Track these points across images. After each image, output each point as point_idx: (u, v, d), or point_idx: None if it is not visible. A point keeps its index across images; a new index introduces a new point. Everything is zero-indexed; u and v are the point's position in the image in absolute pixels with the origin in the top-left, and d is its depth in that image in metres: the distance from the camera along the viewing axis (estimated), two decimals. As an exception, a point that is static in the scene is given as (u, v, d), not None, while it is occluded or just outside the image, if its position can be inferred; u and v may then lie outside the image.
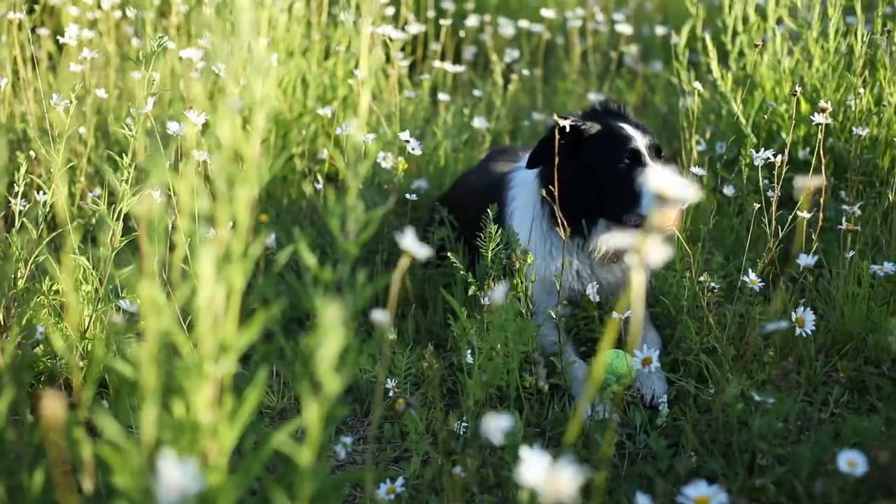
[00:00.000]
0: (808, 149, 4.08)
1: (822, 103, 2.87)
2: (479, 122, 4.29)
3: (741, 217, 3.83)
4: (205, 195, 1.68)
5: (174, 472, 1.32)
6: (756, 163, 3.03)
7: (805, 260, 2.57)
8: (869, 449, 2.42)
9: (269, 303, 1.80)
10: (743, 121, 4.03)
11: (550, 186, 3.00)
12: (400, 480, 2.41)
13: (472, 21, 5.49)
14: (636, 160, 3.08)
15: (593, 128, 3.14)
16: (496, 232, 3.08)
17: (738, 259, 3.53)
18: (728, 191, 3.78)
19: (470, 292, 3.05)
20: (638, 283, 1.45)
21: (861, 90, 3.74)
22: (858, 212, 3.16)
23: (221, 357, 1.63)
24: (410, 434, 2.64)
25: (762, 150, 3.04)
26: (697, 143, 3.75)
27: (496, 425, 1.51)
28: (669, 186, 1.40)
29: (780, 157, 3.01)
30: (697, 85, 3.62)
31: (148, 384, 1.55)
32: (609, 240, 3.10)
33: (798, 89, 3.07)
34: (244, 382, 1.72)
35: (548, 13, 5.19)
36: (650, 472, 2.60)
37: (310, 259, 1.88)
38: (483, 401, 2.72)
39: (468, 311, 2.99)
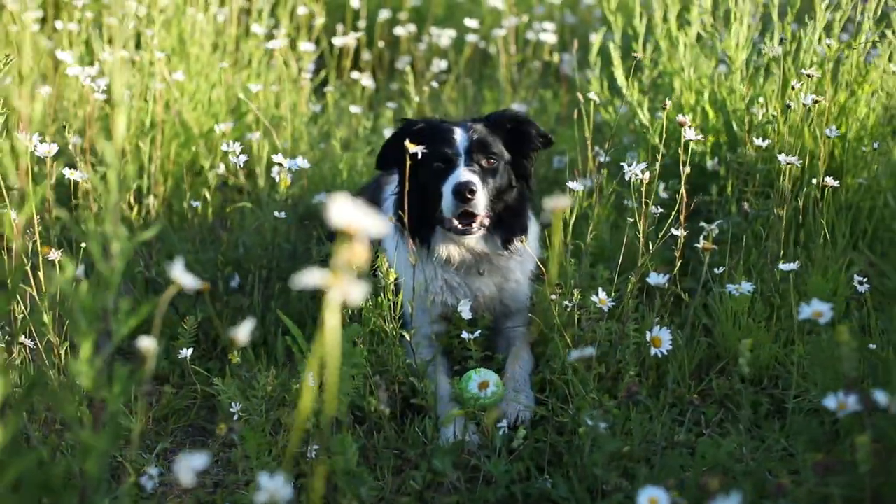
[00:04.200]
0: (716, 159, 3.99)
1: (679, 117, 2.79)
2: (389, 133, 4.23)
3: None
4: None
5: None
6: (627, 177, 2.95)
7: (655, 279, 2.49)
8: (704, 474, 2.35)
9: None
10: (650, 130, 3.96)
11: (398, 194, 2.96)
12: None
13: (400, 31, 5.44)
14: (448, 162, 3.01)
15: (421, 127, 3.08)
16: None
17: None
18: (630, 203, 3.70)
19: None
20: (331, 325, 1.38)
21: (761, 99, 3.66)
22: (717, 230, 3.07)
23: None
24: (251, 458, 2.58)
25: (634, 163, 2.96)
26: (597, 154, 3.67)
27: (188, 465, 1.45)
28: (352, 220, 1.33)
29: (687, 169, 2.90)
30: (592, 95, 3.54)
31: None
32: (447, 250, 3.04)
33: (667, 102, 2.99)
34: None
35: (472, 23, 5.12)
36: (490, 497, 2.53)
37: (73, 285, 1.82)
38: (332, 423, 2.65)
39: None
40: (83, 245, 3.02)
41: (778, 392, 3.03)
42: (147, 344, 1.69)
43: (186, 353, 2.91)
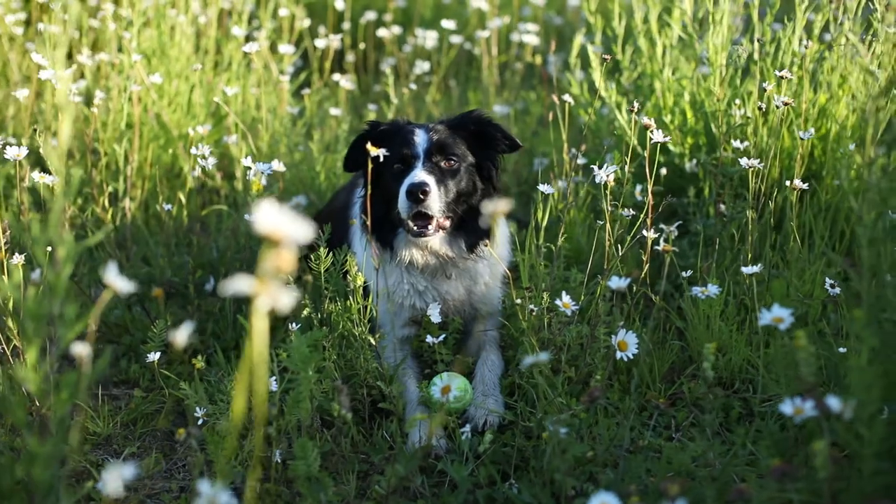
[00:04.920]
0: (694, 161, 3.98)
1: (644, 120, 2.77)
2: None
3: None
4: None
5: None
6: (597, 180, 2.93)
7: (617, 283, 2.47)
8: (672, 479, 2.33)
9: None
10: (629, 132, 3.94)
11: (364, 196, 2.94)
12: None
13: (383, 33, 5.42)
14: (407, 163, 2.99)
15: (384, 130, 3.06)
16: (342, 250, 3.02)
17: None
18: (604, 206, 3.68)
19: (304, 314, 2.98)
20: (257, 330, 1.36)
21: (738, 101, 3.64)
22: (676, 231, 3.05)
23: None
24: (216, 463, 2.57)
25: (605, 166, 2.94)
26: (574, 156, 3.66)
27: (116, 476, 1.43)
28: (276, 227, 1.32)
29: (664, 171, 2.90)
30: (567, 97, 3.52)
31: None
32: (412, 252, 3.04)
33: (636, 104, 2.97)
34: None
35: (450, 24, 5.10)
36: (454, 503, 2.52)
37: (12, 292, 1.81)
38: (294, 427, 2.64)
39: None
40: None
41: (750, 395, 3.01)
42: (81, 349, 1.67)
43: (154, 357, 2.89)
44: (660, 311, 3.11)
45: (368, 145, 2.71)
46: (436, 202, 2.91)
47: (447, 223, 3.01)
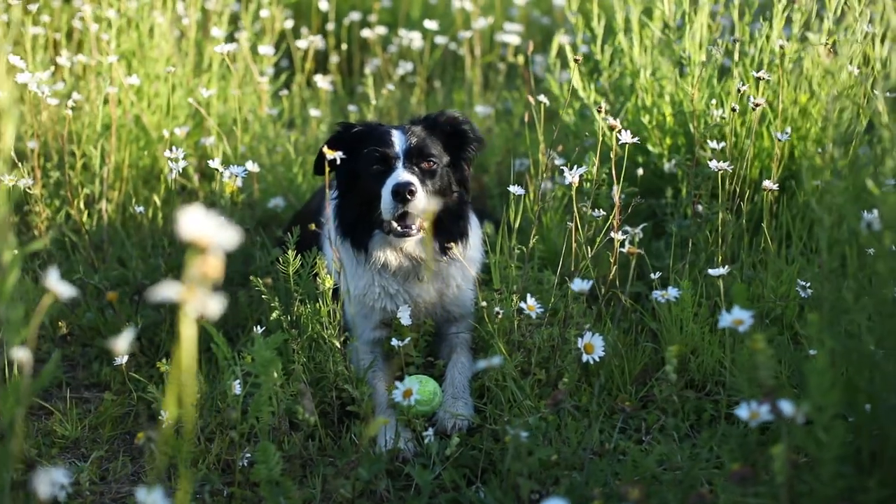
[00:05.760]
0: (672, 161, 3.95)
1: (610, 120, 2.75)
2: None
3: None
4: None
5: None
6: (567, 181, 2.91)
7: (578, 285, 2.46)
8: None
9: None
10: (606, 133, 3.91)
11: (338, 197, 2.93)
12: None
13: (367, 33, 5.41)
14: (387, 164, 2.98)
15: (359, 131, 3.06)
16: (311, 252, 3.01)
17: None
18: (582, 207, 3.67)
19: (273, 316, 2.97)
20: (186, 337, 1.35)
21: (713, 101, 3.62)
22: (640, 234, 3.04)
23: None
24: (179, 467, 2.56)
25: (574, 167, 2.93)
26: (550, 158, 3.63)
27: (48, 479, 1.42)
28: (201, 233, 1.31)
29: (640, 171, 2.88)
30: (542, 98, 3.50)
31: None
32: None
33: (602, 104, 2.95)
34: None
35: (431, 24, 5.08)
36: (416, 507, 2.51)
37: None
38: (263, 430, 2.63)
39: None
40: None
41: (721, 397, 2.99)
42: (21, 355, 1.66)
43: (122, 360, 2.88)
44: (630, 312, 3.10)
45: (325, 148, 2.70)
46: (421, 202, 2.91)
47: (426, 224, 3.00)
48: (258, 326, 2.75)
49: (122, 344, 1.58)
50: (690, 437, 2.83)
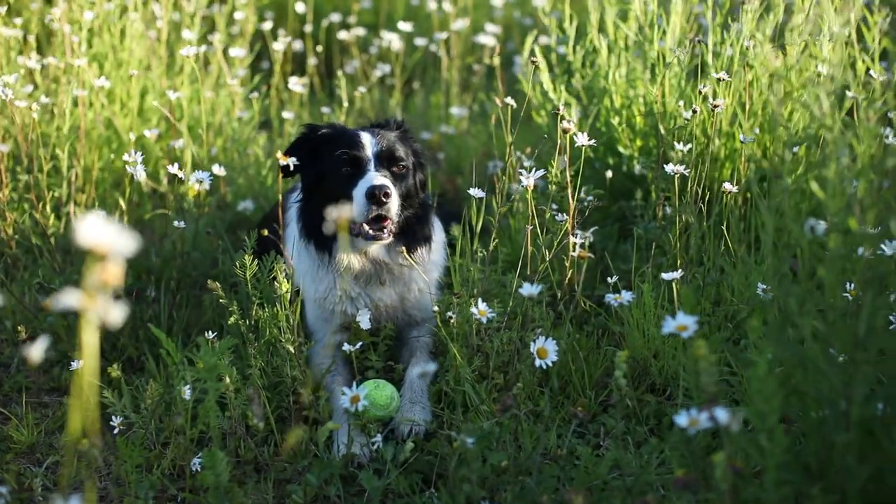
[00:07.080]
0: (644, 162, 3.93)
1: (564, 123, 2.73)
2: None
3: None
4: None
5: None
6: (524, 184, 2.89)
7: (528, 289, 2.44)
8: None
9: None
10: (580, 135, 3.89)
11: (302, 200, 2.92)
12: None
13: (344, 35, 5.38)
14: (357, 167, 2.96)
15: (325, 133, 3.04)
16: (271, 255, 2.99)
17: (547, 284, 3.38)
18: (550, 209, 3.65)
19: (231, 321, 2.95)
20: (87, 344, 1.33)
21: (681, 102, 3.60)
22: (591, 237, 3.01)
23: None
24: (128, 472, 2.55)
25: (533, 170, 2.91)
26: (519, 159, 3.62)
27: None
28: (99, 240, 1.29)
29: (610, 174, 2.87)
30: (509, 100, 3.48)
31: None
32: None
33: (561, 107, 2.93)
34: None
35: (405, 26, 5.06)
36: (362, 513, 2.49)
37: None
38: (217, 435, 2.61)
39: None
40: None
41: (681, 402, 2.97)
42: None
43: (78, 364, 2.87)
44: (592, 315, 3.07)
45: (279, 153, 2.68)
46: (395, 204, 2.90)
47: (394, 227, 2.99)
48: (208, 332, 2.73)
49: (36, 352, 1.56)
50: (649, 443, 2.81)
